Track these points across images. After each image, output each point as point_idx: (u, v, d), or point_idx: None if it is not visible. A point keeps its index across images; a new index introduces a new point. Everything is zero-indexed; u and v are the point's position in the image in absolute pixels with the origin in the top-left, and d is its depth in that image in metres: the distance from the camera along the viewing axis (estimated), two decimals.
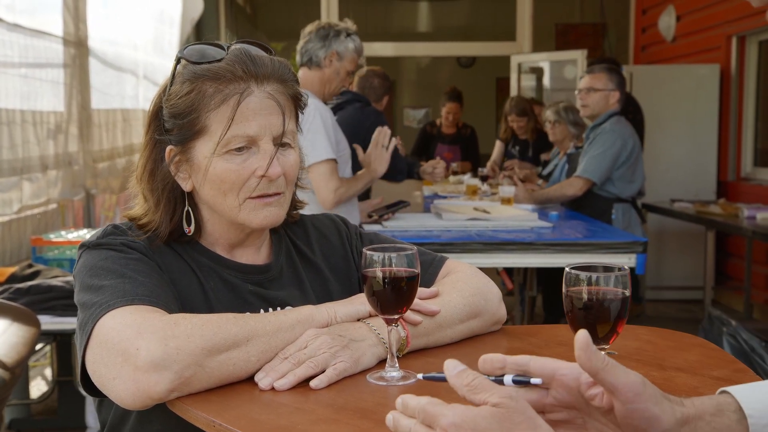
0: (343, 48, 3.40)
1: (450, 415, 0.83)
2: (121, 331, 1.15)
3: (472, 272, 1.50)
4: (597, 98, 4.38)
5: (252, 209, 1.34)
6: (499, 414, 0.82)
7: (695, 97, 6.57)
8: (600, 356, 0.86)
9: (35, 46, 3.99)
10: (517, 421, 0.81)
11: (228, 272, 1.39)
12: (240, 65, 1.30)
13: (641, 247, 3.33)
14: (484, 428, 0.81)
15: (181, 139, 1.32)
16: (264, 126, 1.30)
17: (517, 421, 0.81)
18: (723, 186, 6.60)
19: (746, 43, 6.41)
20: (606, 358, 0.86)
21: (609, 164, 4.39)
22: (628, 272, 1.08)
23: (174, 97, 1.31)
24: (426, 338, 1.35)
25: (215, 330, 1.16)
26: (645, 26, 8.11)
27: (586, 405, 0.91)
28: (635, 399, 0.86)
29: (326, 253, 1.53)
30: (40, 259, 3.60)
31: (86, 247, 1.32)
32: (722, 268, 6.59)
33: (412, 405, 0.87)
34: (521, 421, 0.82)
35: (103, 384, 1.17)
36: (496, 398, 0.83)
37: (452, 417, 0.82)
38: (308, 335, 1.23)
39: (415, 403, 0.87)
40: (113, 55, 5.21)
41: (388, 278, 1.20)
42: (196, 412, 1.10)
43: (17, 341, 2.54)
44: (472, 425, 0.81)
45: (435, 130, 7.33)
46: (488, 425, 0.81)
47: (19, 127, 3.81)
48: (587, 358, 0.85)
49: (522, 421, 0.82)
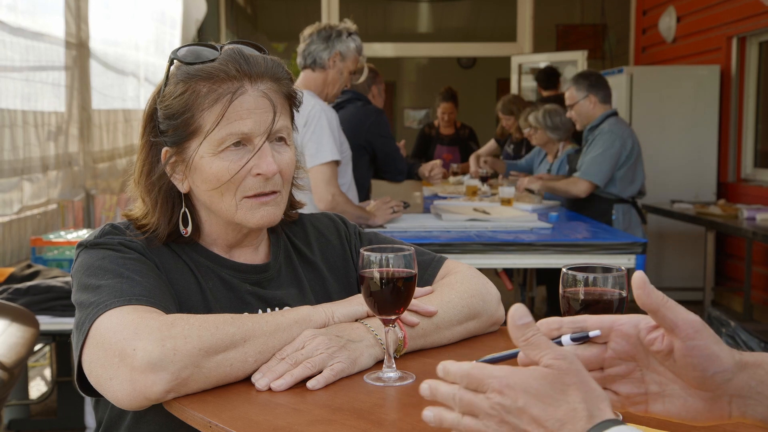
0: (345, 48, 3.41)
1: (502, 376, 0.81)
2: (118, 331, 1.15)
3: (470, 273, 1.49)
4: (578, 109, 4.64)
5: (249, 209, 1.33)
6: (550, 375, 0.81)
7: (695, 98, 6.57)
8: (659, 294, 0.86)
9: (37, 47, 3.99)
10: (568, 383, 0.80)
11: (226, 272, 1.39)
12: (233, 64, 1.29)
13: (641, 248, 3.32)
14: (536, 389, 0.80)
15: (176, 140, 1.32)
16: (258, 123, 1.30)
17: (569, 383, 0.80)
18: (723, 187, 6.60)
19: (746, 44, 6.41)
20: (665, 296, 0.87)
21: (610, 165, 4.41)
22: (625, 273, 1.08)
23: (168, 98, 1.31)
24: (423, 339, 1.35)
25: (212, 331, 1.16)
26: (645, 27, 8.11)
27: (645, 355, 0.91)
28: (696, 336, 0.85)
29: (325, 253, 1.53)
30: (39, 259, 3.60)
31: (84, 247, 1.32)
32: (722, 269, 6.59)
33: (454, 370, 0.84)
34: (573, 382, 0.80)
35: (100, 384, 1.17)
36: (548, 359, 0.81)
37: (505, 378, 0.81)
38: (305, 336, 1.23)
39: (457, 368, 0.84)
40: (114, 56, 5.21)
41: (386, 279, 1.20)
42: (192, 412, 1.10)
43: (16, 341, 2.54)
44: (523, 386, 0.80)
45: (433, 132, 7.32)
46: (539, 386, 0.80)
47: (20, 128, 3.81)
48: (647, 294, 0.85)
49: (574, 382, 0.80)
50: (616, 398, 0.93)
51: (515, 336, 0.84)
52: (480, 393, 0.82)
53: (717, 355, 0.86)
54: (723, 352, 0.86)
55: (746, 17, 6.13)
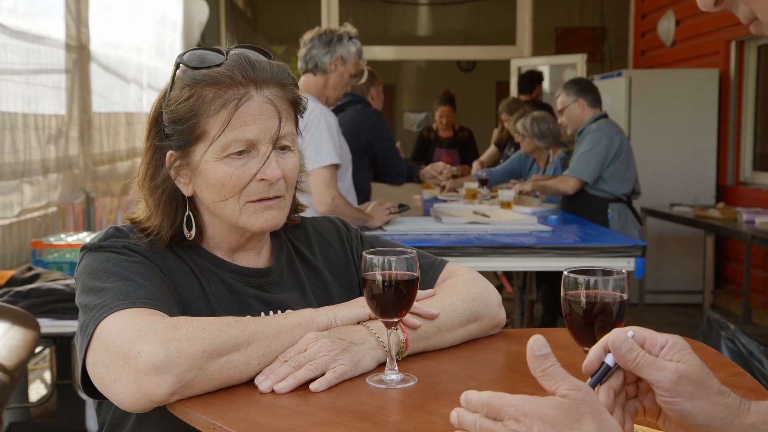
0: (346, 52, 3.44)
1: (519, 405, 0.84)
2: (122, 333, 1.15)
3: (472, 276, 1.50)
4: (568, 114, 4.72)
5: (252, 213, 1.34)
6: (565, 405, 0.84)
7: (694, 102, 6.58)
8: (629, 357, 0.91)
9: (37, 50, 4.00)
10: (583, 412, 0.83)
11: (229, 275, 1.39)
12: (239, 70, 1.30)
13: (640, 251, 3.33)
14: (551, 417, 0.83)
15: (181, 144, 1.33)
16: (263, 130, 1.31)
17: (583, 412, 0.83)
18: (722, 190, 6.61)
19: (745, 48, 6.42)
20: (637, 356, 0.91)
21: (597, 161, 4.47)
22: (626, 276, 1.09)
23: (174, 103, 1.32)
24: (425, 342, 1.36)
25: (216, 333, 1.16)
26: (644, 30, 8.12)
27: None
28: (668, 394, 0.90)
29: (327, 256, 1.54)
30: (39, 262, 3.60)
31: (88, 249, 1.32)
32: (721, 272, 6.60)
33: (475, 400, 0.88)
34: (587, 412, 0.83)
35: (104, 386, 1.18)
36: (564, 389, 0.85)
37: (522, 407, 0.84)
38: (308, 338, 1.23)
39: (477, 398, 0.88)
40: (114, 58, 5.22)
41: (388, 282, 1.21)
42: (196, 414, 1.11)
43: (17, 344, 2.54)
44: (539, 415, 0.83)
45: (432, 135, 7.32)
46: (554, 415, 0.83)
47: (21, 131, 3.81)
48: (622, 362, 0.91)
49: (588, 412, 0.83)
50: (641, 408, 0.97)
51: (533, 367, 0.88)
52: (498, 421, 0.85)
53: (690, 412, 0.90)
54: (700, 407, 0.90)
55: None
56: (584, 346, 1.09)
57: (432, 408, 1.12)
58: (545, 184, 4.70)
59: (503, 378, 1.32)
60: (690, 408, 0.89)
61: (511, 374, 1.31)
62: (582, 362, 0.96)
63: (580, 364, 0.97)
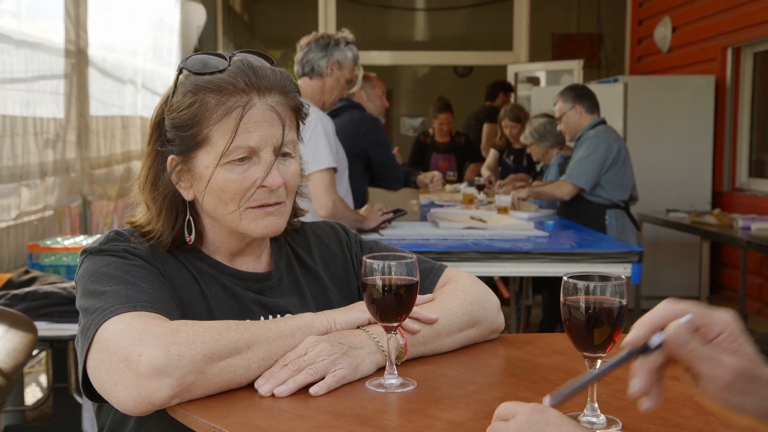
0: (343, 57, 3.45)
1: None
2: (123, 337, 1.16)
3: (471, 281, 1.51)
4: (566, 121, 4.72)
5: (253, 219, 1.35)
6: None
7: (691, 108, 6.60)
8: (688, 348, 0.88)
9: (37, 57, 4.00)
10: None
11: (229, 280, 1.40)
12: (242, 77, 1.30)
13: (637, 257, 3.34)
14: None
15: (182, 150, 1.33)
16: (265, 137, 1.31)
17: None
18: (718, 196, 6.63)
19: (741, 55, 6.45)
20: (692, 349, 0.88)
21: (595, 168, 4.47)
22: (625, 281, 1.10)
23: (176, 109, 1.32)
24: (424, 346, 1.37)
25: (216, 337, 1.17)
26: (641, 37, 8.15)
27: None
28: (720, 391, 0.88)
29: (326, 261, 1.54)
30: (36, 265, 3.60)
31: (89, 253, 1.33)
32: (717, 278, 6.62)
33: None
34: None
35: (105, 389, 1.18)
36: None
37: None
38: (308, 342, 1.24)
39: None
40: (112, 62, 5.22)
41: (388, 286, 1.22)
42: (196, 418, 1.11)
43: (14, 347, 2.54)
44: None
45: (429, 140, 7.33)
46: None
47: (20, 135, 3.82)
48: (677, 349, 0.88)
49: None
50: None
51: None
52: None
53: (739, 406, 0.88)
54: (749, 402, 0.88)
55: (741, 28, 6.17)
56: (583, 351, 1.10)
57: (431, 412, 1.13)
58: (541, 190, 4.71)
59: (501, 383, 1.32)
60: (740, 403, 0.88)
61: (510, 379, 1.32)
62: (581, 368, 0.96)
63: (578, 369, 0.98)
